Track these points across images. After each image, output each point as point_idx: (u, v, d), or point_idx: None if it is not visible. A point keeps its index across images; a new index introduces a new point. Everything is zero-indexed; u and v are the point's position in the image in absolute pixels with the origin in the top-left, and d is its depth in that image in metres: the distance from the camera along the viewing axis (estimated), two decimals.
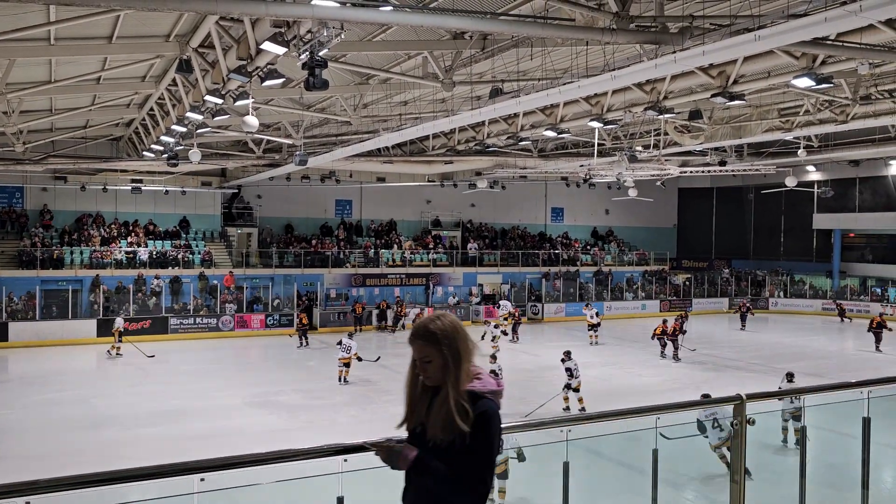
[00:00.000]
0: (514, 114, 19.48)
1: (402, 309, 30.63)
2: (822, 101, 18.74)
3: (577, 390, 16.00)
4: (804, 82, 13.08)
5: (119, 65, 15.12)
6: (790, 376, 13.53)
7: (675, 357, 22.65)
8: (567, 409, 16.00)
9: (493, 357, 17.14)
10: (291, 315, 28.98)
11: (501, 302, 30.26)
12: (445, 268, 35.15)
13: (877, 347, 24.42)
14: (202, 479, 3.45)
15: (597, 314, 26.67)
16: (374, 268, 33.50)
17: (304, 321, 26.35)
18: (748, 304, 32.38)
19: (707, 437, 9.48)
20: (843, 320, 33.43)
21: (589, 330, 26.32)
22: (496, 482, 10.10)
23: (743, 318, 31.39)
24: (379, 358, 18.96)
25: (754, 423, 2.97)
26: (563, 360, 16.25)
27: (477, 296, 34.43)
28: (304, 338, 25.83)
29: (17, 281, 26.53)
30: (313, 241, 33.57)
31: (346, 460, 3.68)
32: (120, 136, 27.14)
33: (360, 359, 18.65)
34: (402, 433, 2.66)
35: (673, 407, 3.51)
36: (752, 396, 3.02)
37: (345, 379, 18.52)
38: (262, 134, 22.13)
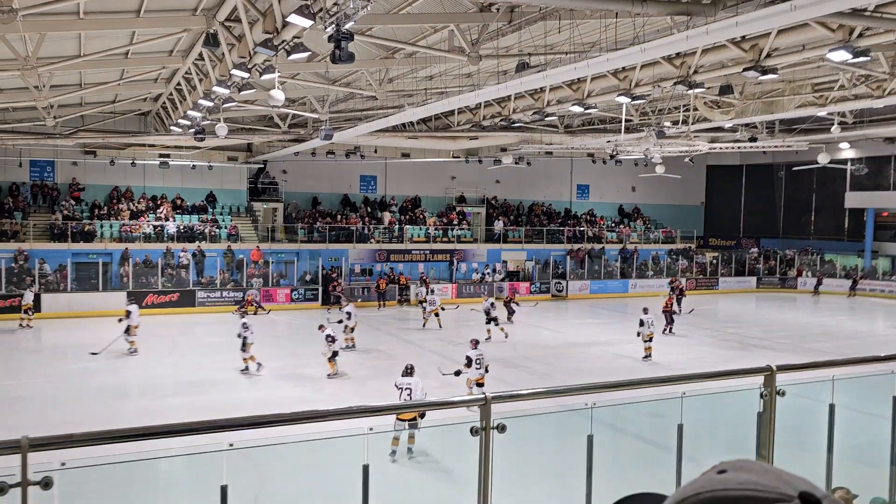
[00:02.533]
0: (541, 89, 19.27)
1: (428, 285, 30.72)
2: (858, 75, 18.26)
3: (480, 385, 13.69)
4: (840, 56, 12.75)
5: (147, 39, 15.19)
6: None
7: (670, 331, 22.43)
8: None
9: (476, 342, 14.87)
10: (317, 289, 29.26)
11: (430, 298, 26.36)
12: (470, 244, 35.13)
13: None
14: (231, 445, 3.51)
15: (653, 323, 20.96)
16: (399, 243, 33.59)
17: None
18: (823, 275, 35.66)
19: None
20: (817, 293, 35.67)
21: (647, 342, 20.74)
22: (405, 431, 10.06)
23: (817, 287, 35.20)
24: (459, 372, 14.24)
25: (784, 394, 2.94)
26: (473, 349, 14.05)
27: (501, 272, 34.39)
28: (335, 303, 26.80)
29: (50, 253, 27.08)
30: (338, 217, 33.72)
31: (371, 429, 3.73)
32: (148, 110, 27.36)
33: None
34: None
35: (699, 377, 3.48)
36: (783, 368, 2.99)
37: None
38: (287, 108, 22.14)
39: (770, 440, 3.05)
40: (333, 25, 9.91)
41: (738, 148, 30.39)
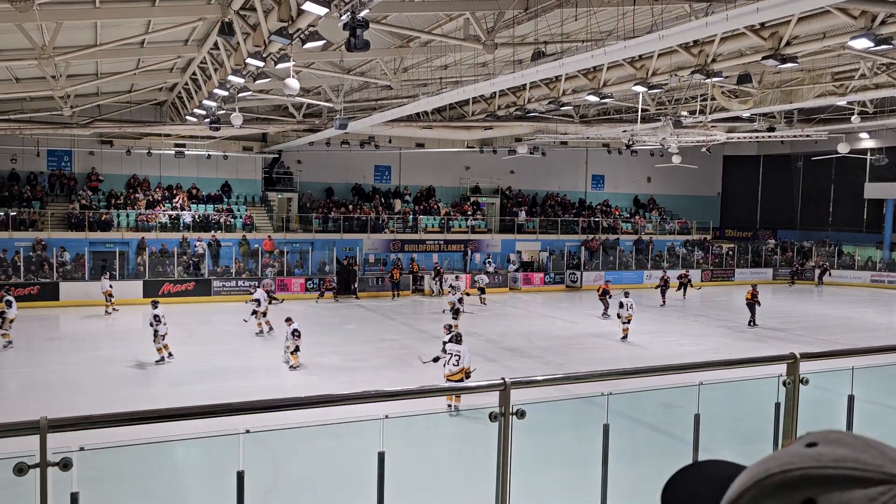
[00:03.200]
0: (556, 78, 19.14)
1: (441, 275, 30.80)
2: (880, 64, 17.97)
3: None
4: (862, 43, 12.54)
5: (162, 28, 15.22)
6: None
7: (753, 323, 22.65)
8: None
9: (448, 327, 15.01)
10: (334, 276, 29.41)
11: (477, 277, 29.22)
12: (484, 234, 35.07)
13: None
14: (247, 431, 3.52)
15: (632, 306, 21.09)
16: (413, 233, 33.59)
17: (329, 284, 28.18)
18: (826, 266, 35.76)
19: None
20: (792, 283, 35.88)
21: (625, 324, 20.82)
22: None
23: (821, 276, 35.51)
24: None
25: (807, 383, 2.89)
26: (449, 342, 12.99)
27: (515, 263, 34.32)
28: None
29: (67, 242, 27.32)
30: (351, 207, 33.76)
31: (387, 416, 3.72)
32: (163, 100, 27.48)
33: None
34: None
35: (717, 364, 3.43)
36: (807, 356, 2.93)
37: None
38: (302, 98, 22.16)
39: (793, 430, 3.00)
40: (348, 13, 9.87)
41: (756, 138, 30.07)
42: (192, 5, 13.60)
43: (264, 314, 20.51)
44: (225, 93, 17.64)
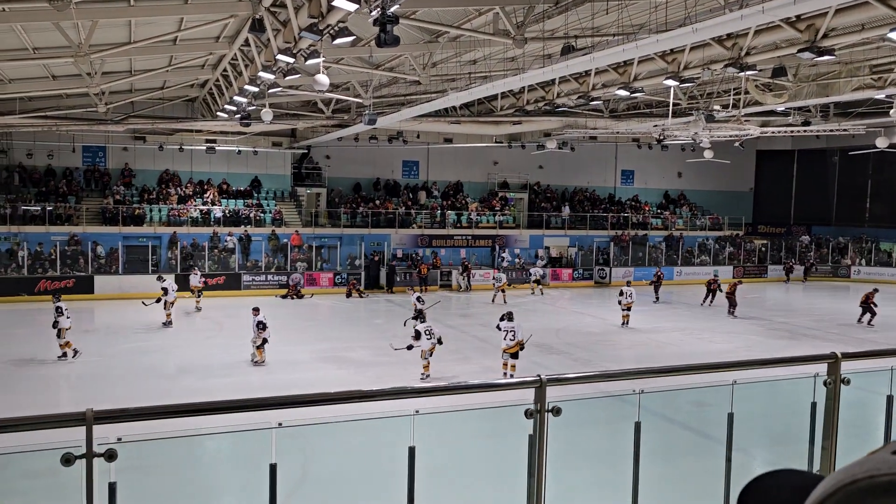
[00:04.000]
0: (586, 72, 18.97)
1: (469, 270, 30.87)
2: None
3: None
4: None
5: (194, 25, 15.41)
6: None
7: (869, 322, 22.20)
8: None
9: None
10: (359, 274, 29.57)
11: (532, 270, 30.78)
12: (512, 230, 34.95)
13: None
14: (280, 425, 3.55)
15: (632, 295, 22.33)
16: (441, 229, 33.60)
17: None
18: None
19: None
20: (788, 280, 35.66)
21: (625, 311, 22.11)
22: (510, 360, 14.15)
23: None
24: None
25: (849, 383, 2.82)
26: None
27: (543, 258, 34.16)
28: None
29: (101, 237, 27.85)
30: (378, 202, 33.87)
31: (417, 412, 3.73)
32: (195, 96, 27.82)
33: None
34: None
35: (753, 364, 3.37)
36: (848, 355, 2.86)
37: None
38: (331, 93, 22.26)
39: (833, 432, 2.94)
40: (378, 9, 9.89)
41: (791, 132, 29.49)
42: (223, 2, 13.74)
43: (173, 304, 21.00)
44: (255, 89, 17.80)
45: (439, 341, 14.81)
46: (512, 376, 12.49)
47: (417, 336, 14.74)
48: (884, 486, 0.63)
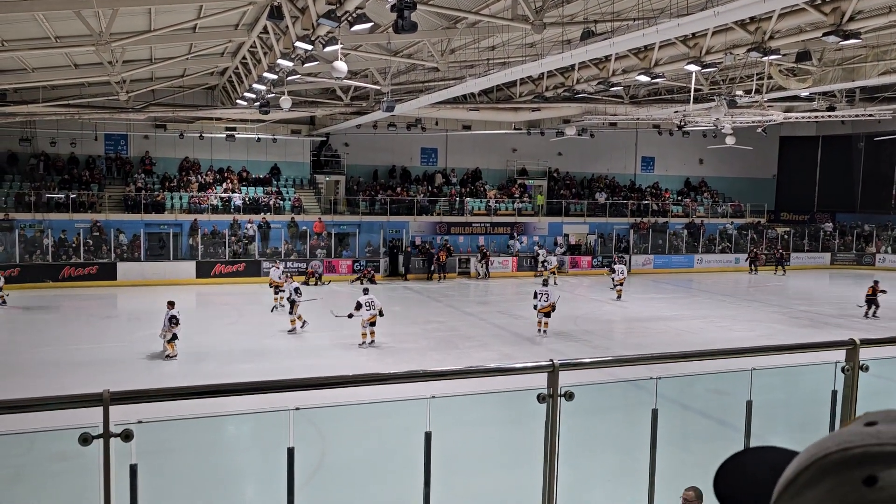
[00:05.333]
0: (605, 58, 18.76)
1: (487, 258, 30.89)
2: None
3: (372, 324, 16.52)
4: None
5: (213, 13, 15.46)
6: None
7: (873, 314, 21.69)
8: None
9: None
10: (377, 262, 29.66)
11: (549, 258, 30.63)
12: (530, 217, 34.84)
13: None
14: (297, 409, 3.58)
15: (623, 272, 25.11)
16: (459, 216, 33.59)
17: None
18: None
19: None
20: (753, 271, 33.95)
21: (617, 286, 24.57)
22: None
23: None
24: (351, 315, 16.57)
25: (868, 370, 2.78)
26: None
27: (562, 246, 34.03)
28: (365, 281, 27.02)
29: (124, 224, 28.20)
30: (397, 189, 33.90)
31: (433, 396, 3.74)
32: (214, 84, 27.95)
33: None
34: None
35: (770, 350, 3.33)
36: (867, 342, 2.82)
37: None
38: (349, 81, 22.26)
39: (851, 418, 2.89)
40: None
41: (815, 118, 29.02)
42: None
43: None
44: (274, 76, 17.84)
45: (380, 312, 16.52)
46: (545, 332, 17.56)
47: (358, 307, 16.35)
48: (857, 458, 0.63)
